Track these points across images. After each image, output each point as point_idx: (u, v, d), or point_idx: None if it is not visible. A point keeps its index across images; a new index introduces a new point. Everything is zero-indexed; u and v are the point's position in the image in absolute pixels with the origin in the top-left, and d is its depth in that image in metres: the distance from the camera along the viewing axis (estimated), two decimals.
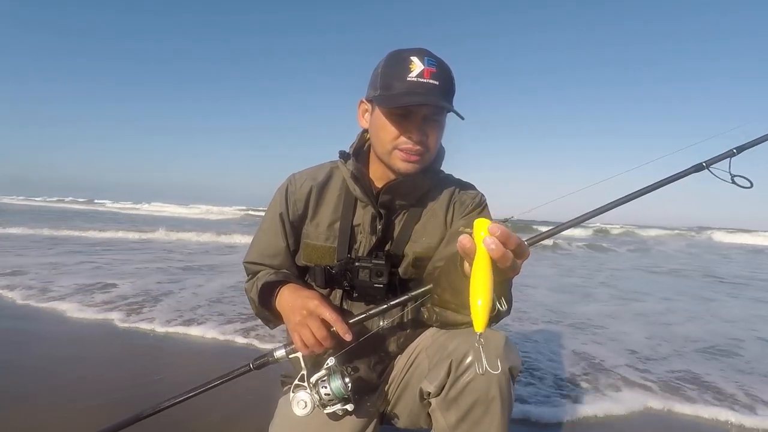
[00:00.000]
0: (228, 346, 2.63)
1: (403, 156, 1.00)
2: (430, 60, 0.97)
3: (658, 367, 2.49)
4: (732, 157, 1.09)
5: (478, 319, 0.57)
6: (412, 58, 0.96)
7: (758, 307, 4.48)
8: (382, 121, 1.00)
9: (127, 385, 1.97)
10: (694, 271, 7.74)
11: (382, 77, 1.00)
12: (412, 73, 0.95)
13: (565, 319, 3.55)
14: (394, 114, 0.98)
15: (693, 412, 1.96)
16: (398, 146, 1.00)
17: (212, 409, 1.77)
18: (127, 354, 2.40)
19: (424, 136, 1.00)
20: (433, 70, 0.96)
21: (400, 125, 0.99)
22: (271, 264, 1.13)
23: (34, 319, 2.95)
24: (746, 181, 1.08)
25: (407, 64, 0.96)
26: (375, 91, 1.01)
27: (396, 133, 0.99)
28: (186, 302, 3.53)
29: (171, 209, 31.43)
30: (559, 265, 7.72)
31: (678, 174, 1.06)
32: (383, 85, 0.99)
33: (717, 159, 1.08)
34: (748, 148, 1.09)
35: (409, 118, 0.98)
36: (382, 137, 1.02)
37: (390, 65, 0.99)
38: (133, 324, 2.90)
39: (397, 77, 0.97)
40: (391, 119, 0.99)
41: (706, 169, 1.07)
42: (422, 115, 0.98)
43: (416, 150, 1.00)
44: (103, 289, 3.86)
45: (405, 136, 0.99)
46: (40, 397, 1.84)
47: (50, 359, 2.25)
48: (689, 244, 16.74)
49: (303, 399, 0.90)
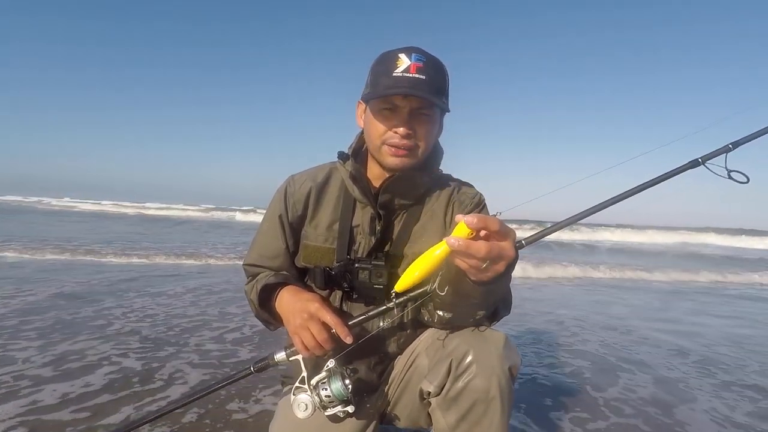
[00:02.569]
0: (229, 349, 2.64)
1: (391, 151, 1.02)
2: (418, 56, 0.98)
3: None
4: (728, 152, 1.09)
5: (402, 281, 0.78)
6: (400, 55, 0.99)
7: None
8: (371, 118, 1.03)
9: (130, 389, 1.98)
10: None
11: (372, 75, 1.03)
12: (398, 69, 0.97)
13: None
14: (382, 109, 1.00)
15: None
16: (386, 141, 1.02)
17: (214, 412, 1.78)
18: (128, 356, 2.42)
19: (412, 130, 1.00)
20: (419, 65, 0.97)
21: (387, 120, 1.00)
22: (271, 266, 1.14)
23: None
24: (743, 176, 1.08)
25: (394, 61, 0.98)
26: (366, 89, 1.04)
27: (383, 128, 1.01)
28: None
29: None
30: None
31: (674, 171, 1.06)
32: (372, 82, 1.02)
33: (713, 155, 1.08)
34: (743, 143, 1.10)
35: (396, 113, 1.00)
36: (371, 133, 1.04)
37: (379, 63, 1.02)
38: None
39: (384, 73, 0.99)
40: (378, 114, 1.01)
41: (702, 165, 1.07)
42: (409, 110, 0.99)
43: (404, 144, 1.01)
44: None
45: (392, 130, 1.00)
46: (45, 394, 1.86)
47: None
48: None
49: (304, 401, 0.90)
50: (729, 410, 2.00)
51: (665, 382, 2.33)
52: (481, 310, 0.91)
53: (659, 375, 2.44)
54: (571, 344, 2.99)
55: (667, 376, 2.41)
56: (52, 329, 2.70)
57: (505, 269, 0.75)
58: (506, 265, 0.75)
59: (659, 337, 3.24)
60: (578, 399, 2.09)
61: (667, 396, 2.15)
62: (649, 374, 2.44)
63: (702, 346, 3.04)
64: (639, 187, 1.03)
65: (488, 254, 0.70)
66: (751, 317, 4.21)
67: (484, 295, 0.83)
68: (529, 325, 3.47)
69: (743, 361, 2.75)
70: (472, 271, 0.75)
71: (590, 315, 3.93)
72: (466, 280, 0.79)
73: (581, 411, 1.96)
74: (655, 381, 2.35)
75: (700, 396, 2.16)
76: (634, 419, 1.91)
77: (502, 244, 0.72)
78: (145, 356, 2.36)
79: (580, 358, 2.69)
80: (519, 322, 3.51)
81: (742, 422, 1.89)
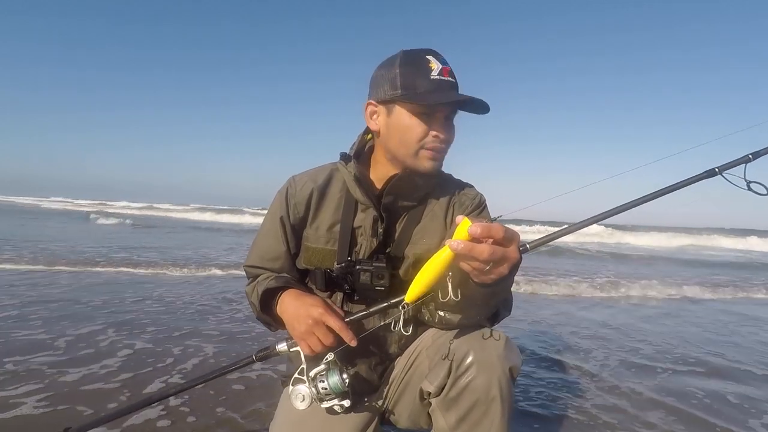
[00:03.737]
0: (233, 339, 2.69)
1: (431, 154, 1.01)
2: (443, 59, 0.99)
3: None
4: (747, 162, 1.06)
5: (412, 291, 0.76)
6: (428, 57, 0.98)
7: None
8: (407, 122, 1.00)
9: (135, 372, 2.05)
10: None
11: (403, 77, 0.98)
12: (433, 72, 0.97)
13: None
14: (420, 113, 0.99)
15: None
16: (425, 145, 1.00)
17: (217, 398, 1.82)
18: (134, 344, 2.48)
19: (449, 134, 1.02)
20: (449, 69, 0.99)
21: (428, 124, 0.99)
22: (272, 267, 1.13)
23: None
24: (762, 188, 1.05)
25: (426, 63, 0.97)
26: (395, 91, 0.99)
27: (423, 132, 0.99)
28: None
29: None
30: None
31: (689, 179, 1.03)
32: (405, 84, 0.98)
33: (731, 165, 1.04)
34: (764, 154, 1.06)
35: (434, 117, 0.99)
36: (407, 138, 1.00)
37: (408, 64, 0.98)
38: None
39: (420, 76, 0.97)
40: (417, 118, 0.99)
41: (719, 175, 1.04)
42: (445, 114, 1.00)
43: (442, 148, 1.02)
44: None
45: (432, 134, 1.00)
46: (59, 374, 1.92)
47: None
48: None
49: (301, 392, 0.91)
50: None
51: (671, 385, 2.25)
52: (484, 311, 0.91)
53: (667, 378, 2.35)
54: (573, 344, 2.94)
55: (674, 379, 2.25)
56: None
57: (508, 272, 0.75)
58: (510, 267, 0.75)
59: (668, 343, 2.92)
60: (579, 399, 2.06)
61: (667, 398, 2.11)
62: (656, 378, 2.38)
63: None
64: (652, 194, 1.00)
65: (491, 257, 0.70)
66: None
67: (487, 296, 0.83)
68: (530, 324, 3.43)
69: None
70: (475, 273, 0.75)
71: (594, 314, 3.87)
72: (469, 282, 0.79)
73: (581, 411, 1.93)
74: (658, 383, 2.30)
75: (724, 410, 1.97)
76: (635, 419, 1.87)
77: (506, 248, 0.72)
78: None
79: (581, 359, 2.64)
80: (519, 322, 3.47)
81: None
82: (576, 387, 2.23)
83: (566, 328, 3.43)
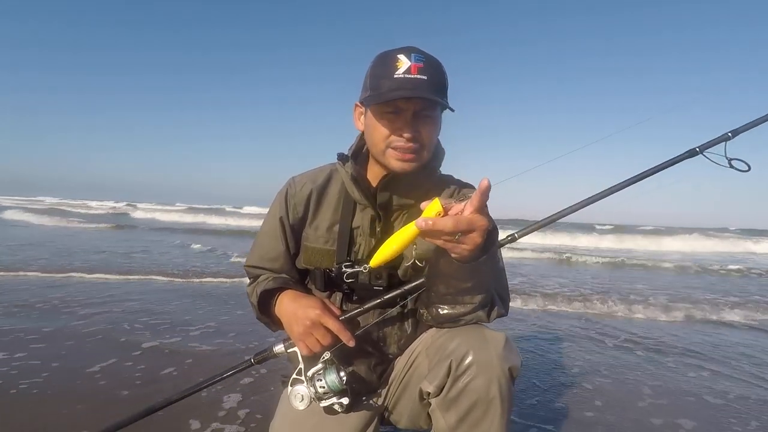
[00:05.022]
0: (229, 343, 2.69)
1: (397, 155, 1.00)
2: (418, 56, 0.96)
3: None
4: (727, 141, 1.07)
5: (375, 258, 0.80)
6: (399, 56, 0.97)
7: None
8: (374, 122, 1.01)
9: (133, 383, 2.04)
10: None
11: (371, 78, 1.00)
12: (399, 70, 0.95)
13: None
14: (385, 113, 0.98)
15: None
16: (391, 145, 1.00)
17: (216, 404, 1.82)
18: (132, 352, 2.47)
19: (417, 133, 0.99)
20: (420, 66, 0.95)
21: (391, 123, 0.98)
22: (272, 267, 1.14)
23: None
24: (744, 164, 1.06)
25: (394, 62, 0.96)
26: (365, 92, 1.02)
27: (387, 132, 0.99)
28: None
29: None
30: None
31: (671, 160, 1.04)
32: (372, 85, 0.99)
33: (711, 143, 1.05)
34: (742, 131, 1.07)
35: (400, 116, 0.98)
36: (375, 137, 1.02)
37: (378, 65, 1.00)
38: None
39: (384, 76, 0.97)
40: (381, 118, 0.99)
41: (701, 154, 1.05)
42: (412, 112, 0.98)
43: (409, 148, 0.99)
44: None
45: (396, 134, 0.98)
46: (50, 392, 1.92)
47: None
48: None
49: (300, 392, 0.91)
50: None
51: (673, 385, 2.25)
52: (476, 294, 0.90)
53: (669, 379, 2.36)
54: (574, 345, 2.94)
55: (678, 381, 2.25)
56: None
57: (483, 240, 0.76)
58: (482, 233, 0.75)
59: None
60: (579, 400, 2.06)
61: (669, 398, 2.11)
62: (657, 378, 2.39)
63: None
64: (635, 177, 1.01)
65: (456, 227, 0.72)
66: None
67: (471, 273, 0.84)
68: (530, 325, 3.42)
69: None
70: (449, 247, 0.78)
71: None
72: (451, 261, 0.81)
73: (582, 412, 1.94)
74: (660, 384, 2.30)
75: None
76: (635, 419, 1.88)
77: (471, 216, 0.73)
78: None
79: (582, 359, 2.65)
80: (518, 322, 3.47)
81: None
82: (576, 387, 2.23)
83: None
